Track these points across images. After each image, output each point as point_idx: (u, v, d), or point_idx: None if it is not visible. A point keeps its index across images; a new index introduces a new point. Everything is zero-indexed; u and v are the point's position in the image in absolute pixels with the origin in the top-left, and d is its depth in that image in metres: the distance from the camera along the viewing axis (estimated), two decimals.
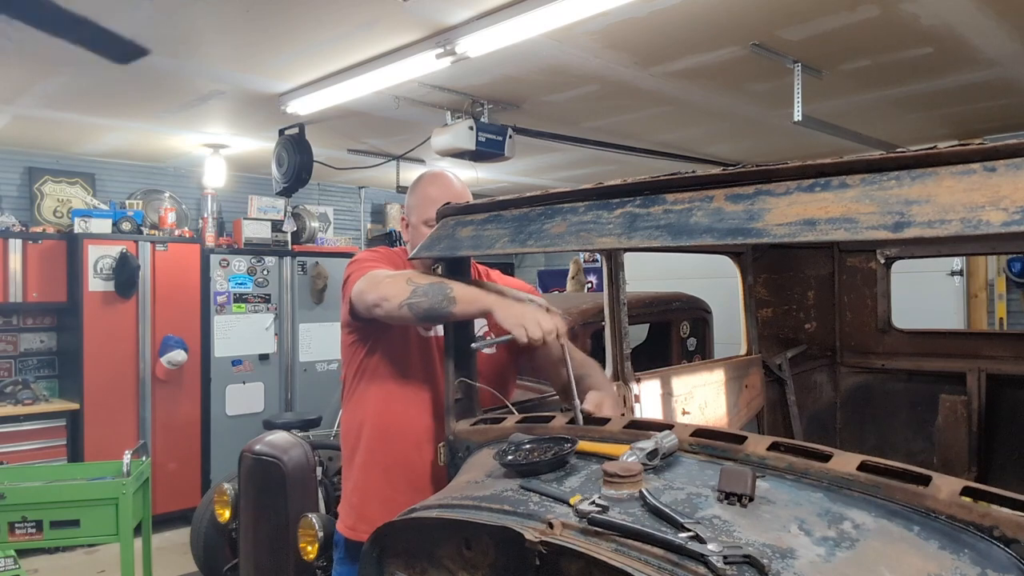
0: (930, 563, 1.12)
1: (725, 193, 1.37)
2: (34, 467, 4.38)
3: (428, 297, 1.82)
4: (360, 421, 2.13)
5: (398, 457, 2.08)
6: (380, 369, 2.11)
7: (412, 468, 2.06)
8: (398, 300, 1.85)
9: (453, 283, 1.86)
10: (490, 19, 3.16)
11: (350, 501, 2.15)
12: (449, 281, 1.87)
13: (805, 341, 4.01)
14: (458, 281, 1.89)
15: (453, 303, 1.80)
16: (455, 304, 1.81)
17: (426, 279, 1.90)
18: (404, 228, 2.28)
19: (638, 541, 1.15)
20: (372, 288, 1.94)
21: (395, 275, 1.96)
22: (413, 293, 1.84)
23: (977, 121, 5.08)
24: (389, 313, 1.89)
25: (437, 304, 1.81)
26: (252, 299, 6.20)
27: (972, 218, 1.06)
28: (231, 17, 3.19)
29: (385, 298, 1.88)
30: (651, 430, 1.55)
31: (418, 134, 5.14)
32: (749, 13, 3.19)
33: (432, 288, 1.84)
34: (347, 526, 2.13)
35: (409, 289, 1.86)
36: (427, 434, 2.09)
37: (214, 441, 5.91)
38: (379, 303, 1.90)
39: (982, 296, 5.45)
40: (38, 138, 5.46)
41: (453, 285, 1.85)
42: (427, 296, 1.83)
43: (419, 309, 1.83)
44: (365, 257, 2.16)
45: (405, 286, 1.87)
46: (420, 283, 1.87)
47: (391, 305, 1.87)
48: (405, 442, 2.08)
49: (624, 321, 2.92)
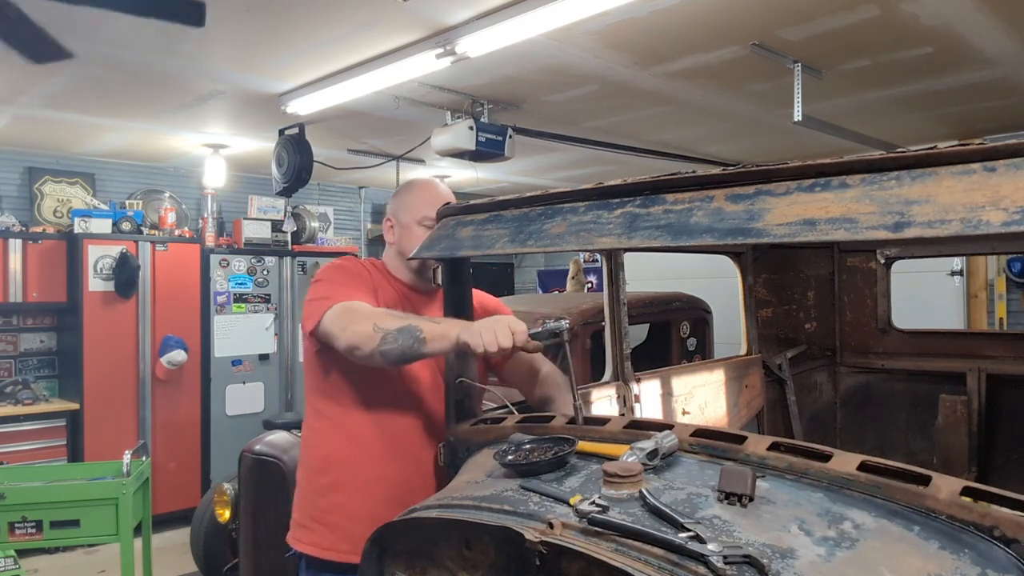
0: (930, 563, 1.12)
1: (725, 193, 1.37)
2: (34, 467, 4.38)
3: (398, 343, 1.79)
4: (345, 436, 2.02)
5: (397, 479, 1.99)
6: (362, 382, 2.02)
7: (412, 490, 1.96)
8: (369, 348, 1.81)
9: (421, 322, 1.82)
10: (490, 19, 3.16)
11: (327, 521, 2.01)
12: (416, 320, 1.83)
13: (805, 341, 4.01)
14: (423, 319, 1.87)
15: (424, 344, 1.77)
16: (425, 345, 1.77)
17: (394, 322, 1.83)
18: (388, 230, 2.19)
19: (638, 541, 1.15)
20: (340, 333, 1.88)
21: (362, 319, 1.87)
22: (383, 340, 1.80)
23: (977, 121, 5.08)
24: (367, 359, 1.85)
25: (408, 348, 1.78)
26: (252, 299, 6.20)
27: (972, 218, 1.06)
28: (231, 17, 3.19)
29: (355, 346, 1.84)
30: (651, 430, 1.55)
31: (418, 134, 5.13)
32: (749, 13, 3.19)
33: (401, 333, 1.79)
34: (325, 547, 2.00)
35: (377, 337, 1.81)
36: (427, 453, 2.03)
37: (214, 441, 5.91)
38: (350, 351, 1.86)
39: (982, 296, 5.46)
40: (38, 138, 5.46)
41: (421, 325, 1.81)
42: (397, 342, 1.79)
43: (392, 355, 1.79)
44: (328, 278, 2.05)
45: (372, 334, 1.82)
46: (388, 328, 1.81)
47: (363, 354, 1.83)
48: (405, 463, 2.01)
49: (624, 321, 2.92)
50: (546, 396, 2.17)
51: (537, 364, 2.23)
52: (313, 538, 2.02)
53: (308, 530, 2.04)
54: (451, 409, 2.00)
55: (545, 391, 2.18)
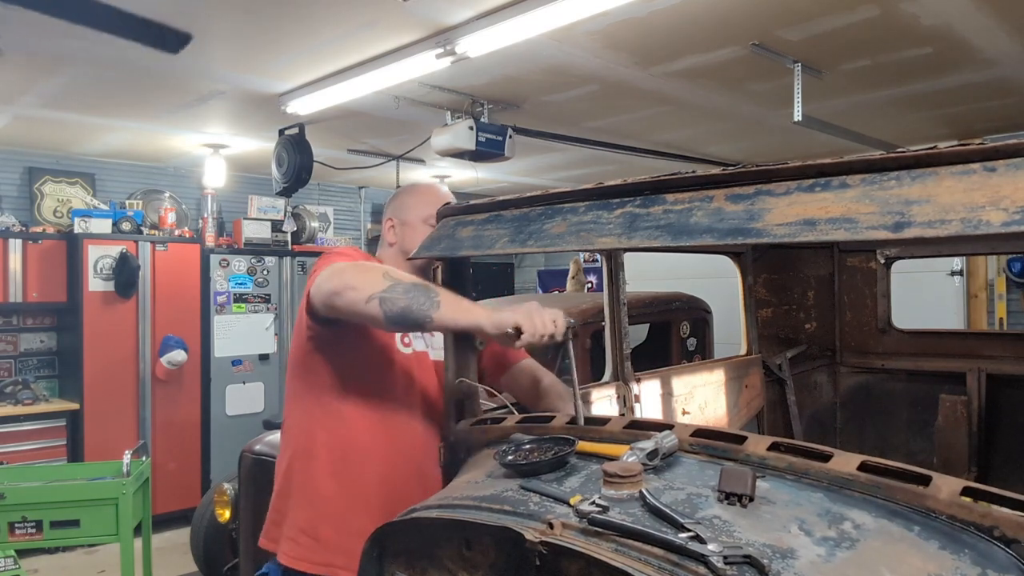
0: (930, 563, 1.12)
1: (725, 193, 1.37)
2: (34, 467, 4.38)
3: (408, 296, 1.56)
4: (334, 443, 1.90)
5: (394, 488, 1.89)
6: (352, 385, 1.91)
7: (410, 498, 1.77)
8: (368, 291, 1.58)
9: (441, 289, 1.63)
10: (490, 19, 3.16)
11: (315, 533, 1.87)
12: (436, 286, 1.65)
13: (805, 341, 4.01)
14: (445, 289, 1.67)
15: (436, 307, 1.56)
16: (437, 309, 1.56)
17: (409, 277, 1.66)
18: (389, 231, 2.12)
19: (638, 541, 1.15)
20: (337, 274, 1.66)
21: (371, 269, 1.70)
22: (391, 288, 1.57)
23: (977, 121, 5.08)
24: (351, 304, 1.61)
25: (417, 306, 1.55)
26: (252, 299, 6.20)
27: (972, 218, 1.06)
28: (231, 17, 3.19)
29: (351, 286, 1.61)
30: (651, 430, 1.55)
31: (418, 134, 5.13)
32: (749, 13, 3.19)
33: (416, 288, 1.59)
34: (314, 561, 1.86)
35: (386, 283, 1.58)
36: (426, 464, 1.95)
37: (214, 441, 5.91)
38: (341, 291, 1.63)
39: (982, 296, 5.46)
40: (38, 138, 5.46)
41: (440, 290, 1.61)
42: (407, 295, 1.57)
43: (392, 307, 1.56)
44: (337, 251, 1.92)
45: (380, 279, 1.60)
46: (401, 279, 1.61)
47: (356, 296, 1.59)
48: (401, 474, 1.91)
49: (624, 321, 2.92)
50: (551, 408, 2.08)
51: (539, 374, 2.19)
52: (300, 551, 1.89)
53: (293, 542, 1.91)
54: (451, 409, 1.99)
55: (549, 403, 2.10)
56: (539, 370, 2.21)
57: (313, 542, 1.89)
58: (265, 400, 6.19)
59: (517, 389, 2.19)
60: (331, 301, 1.69)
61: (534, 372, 2.19)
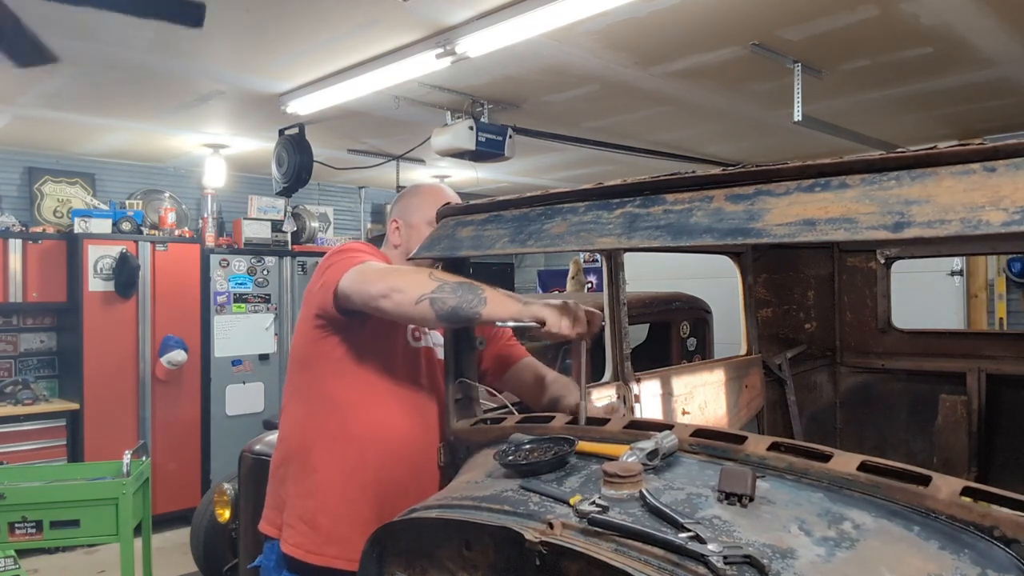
0: (930, 563, 1.12)
1: (725, 193, 1.37)
2: (34, 467, 4.38)
3: (457, 295, 1.65)
4: (335, 433, 1.92)
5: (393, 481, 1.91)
6: (360, 377, 1.93)
7: (408, 493, 1.84)
8: (417, 292, 1.66)
9: (480, 283, 1.70)
10: (490, 19, 3.16)
11: (313, 522, 1.90)
12: (474, 281, 1.72)
13: (805, 341, 4.01)
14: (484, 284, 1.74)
15: (483, 304, 1.65)
16: (485, 306, 1.65)
17: (452, 276, 1.74)
18: (394, 232, 2.14)
19: (638, 541, 1.15)
20: (379, 277, 1.75)
21: (411, 271, 1.80)
22: (439, 288, 1.66)
23: (977, 121, 5.08)
24: (400, 306, 1.69)
25: (467, 304, 1.64)
26: (252, 299, 6.20)
27: (972, 218, 1.06)
28: (231, 17, 3.19)
29: (398, 289, 1.69)
30: (651, 430, 1.55)
31: (418, 134, 5.13)
32: (749, 13, 3.19)
33: (463, 286, 1.67)
34: (309, 550, 1.89)
35: (433, 284, 1.67)
36: (426, 460, 1.96)
37: (214, 441, 5.91)
38: (388, 294, 1.70)
39: (982, 296, 5.45)
40: (38, 138, 5.46)
41: (484, 287, 1.69)
42: (455, 293, 1.65)
43: (443, 306, 1.65)
44: (356, 248, 1.95)
45: (427, 279, 1.69)
46: (447, 279, 1.70)
47: (405, 298, 1.67)
48: (401, 466, 1.93)
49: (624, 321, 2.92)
50: (556, 396, 2.09)
51: (542, 370, 2.20)
52: (298, 539, 1.92)
53: (293, 530, 1.93)
54: (451, 409, 1.99)
55: (555, 391, 2.11)
56: (541, 367, 2.22)
57: (311, 531, 1.91)
58: (265, 400, 6.19)
59: (521, 386, 2.19)
60: (377, 304, 1.74)
61: (536, 369, 2.20)
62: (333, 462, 1.92)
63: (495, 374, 2.20)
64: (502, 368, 2.21)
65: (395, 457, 1.94)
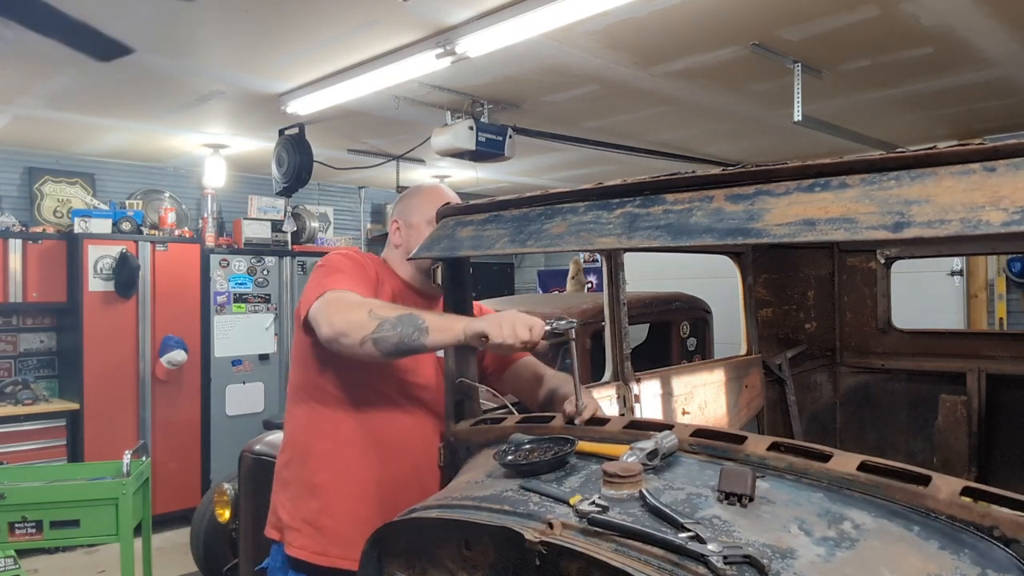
0: (930, 563, 1.12)
1: (725, 193, 1.37)
2: (34, 467, 4.38)
3: (397, 331, 1.67)
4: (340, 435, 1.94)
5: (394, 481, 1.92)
6: (360, 377, 1.94)
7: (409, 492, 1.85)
8: (359, 335, 1.68)
9: (423, 312, 1.72)
10: (490, 19, 3.16)
11: (317, 524, 1.92)
12: (418, 311, 1.73)
13: (805, 341, 4.01)
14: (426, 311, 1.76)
15: (425, 335, 1.67)
16: (427, 335, 1.67)
17: (393, 311, 1.73)
18: (395, 232, 2.15)
19: (638, 541, 1.15)
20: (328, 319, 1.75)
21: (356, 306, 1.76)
22: (379, 327, 1.67)
23: (977, 121, 5.08)
24: (350, 349, 1.71)
25: (408, 337, 1.66)
26: (252, 299, 6.20)
27: (972, 218, 1.06)
28: (231, 17, 3.19)
29: (343, 333, 1.71)
30: (651, 430, 1.55)
31: (418, 134, 5.13)
32: (749, 13, 3.19)
33: (401, 321, 1.68)
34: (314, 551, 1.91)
35: (373, 324, 1.68)
36: (426, 460, 1.97)
37: (214, 441, 5.91)
38: (336, 338, 1.72)
39: (982, 296, 5.46)
40: (38, 138, 5.46)
41: (424, 315, 1.70)
42: (396, 330, 1.67)
43: (387, 344, 1.67)
44: (333, 264, 1.95)
45: (367, 321, 1.69)
46: (386, 316, 1.69)
47: (350, 341, 1.69)
48: (402, 465, 1.94)
49: (624, 321, 2.92)
50: (553, 388, 2.10)
51: (540, 369, 2.21)
52: (303, 541, 1.93)
53: (298, 532, 1.95)
54: (451, 409, 1.99)
55: (552, 385, 2.12)
56: (540, 366, 2.23)
57: (315, 532, 1.93)
58: (265, 400, 6.19)
59: (520, 385, 2.21)
60: (331, 346, 1.78)
61: (535, 368, 2.21)
62: (335, 463, 1.94)
63: (495, 373, 2.22)
64: (501, 368, 2.22)
65: (397, 457, 1.95)
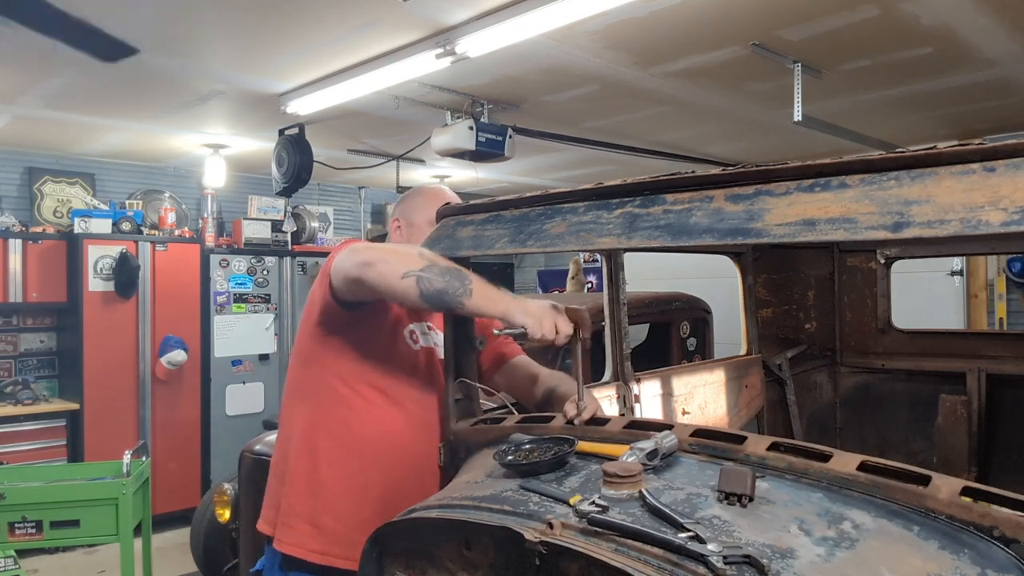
0: (930, 563, 1.12)
1: (725, 193, 1.37)
2: (34, 467, 4.38)
3: (443, 279, 1.61)
4: (337, 432, 1.92)
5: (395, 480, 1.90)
6: (362, 376, 1.93)
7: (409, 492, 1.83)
8: (404, 267, 1.62)
9: (472, 274, 1.67)
10: (490, 19, 3.16)
11: (316, 522, 1.89)
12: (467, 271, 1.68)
13: (805, 341, 4.01)
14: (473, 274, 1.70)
15: (468, 295, 1.61)
16: (470, 297, 1.62)
17: (443, 259, 1.68)
18: (396, 231, 2.16)
19: (638, 541, 1.15)
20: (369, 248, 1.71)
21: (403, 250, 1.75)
22: (427, 268, 1.62)
23: (977, 121, 5.08)
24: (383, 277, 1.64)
25: (452, 290, 1.61)
26: (252, 299, 6.21)
27: (972, 218, 1.06)
28: (231, 17, 3.19)
29: (385, 260, 1.64)
30: (651, 430, 1.55)
31: (418, 134, 5.14)
32: (749, 13, 3.19)
33: (451, 272, 1.63)
34: (312, 549, 1.87)
35: (422, 262, 1.62)
36: (427, 460, 1.96)
37: (214, 441, 5.91)
38: (374, 263, 1.65)
39: (982, 296, 5.46)
40: (38, 138, 5.46)
41: (472, 276, 1.65)
42: (443, 277, 1.61)
43: (429, 287, 1.60)
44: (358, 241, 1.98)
45: (417, 257, 1.64)
46: (437, 261, 1.64)
47: (390, 269, 1.63)
48: (403, 465, 1.92)
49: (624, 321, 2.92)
50: (551, 387, 2.09)
51: (535, 368, 2.20)
52: (299, 539, 1.90)
53: (292, 529, 1.91)
54: (451, 409, 1.99)
55: (550, 383, 2.12)
56: (534, 364, 2.22)
57: (314, 530, 1.89)
58: (265, 400, 6.19)
59: (514, 383, 2.19)
60: (360, 272, 1.69)
61: (530, 367, 2.21)
62: (336, 462, 1.92)
63: (490, 370, 2.21)
64: (496, 365, 2.22)
65: (397, 457, 1.94)
